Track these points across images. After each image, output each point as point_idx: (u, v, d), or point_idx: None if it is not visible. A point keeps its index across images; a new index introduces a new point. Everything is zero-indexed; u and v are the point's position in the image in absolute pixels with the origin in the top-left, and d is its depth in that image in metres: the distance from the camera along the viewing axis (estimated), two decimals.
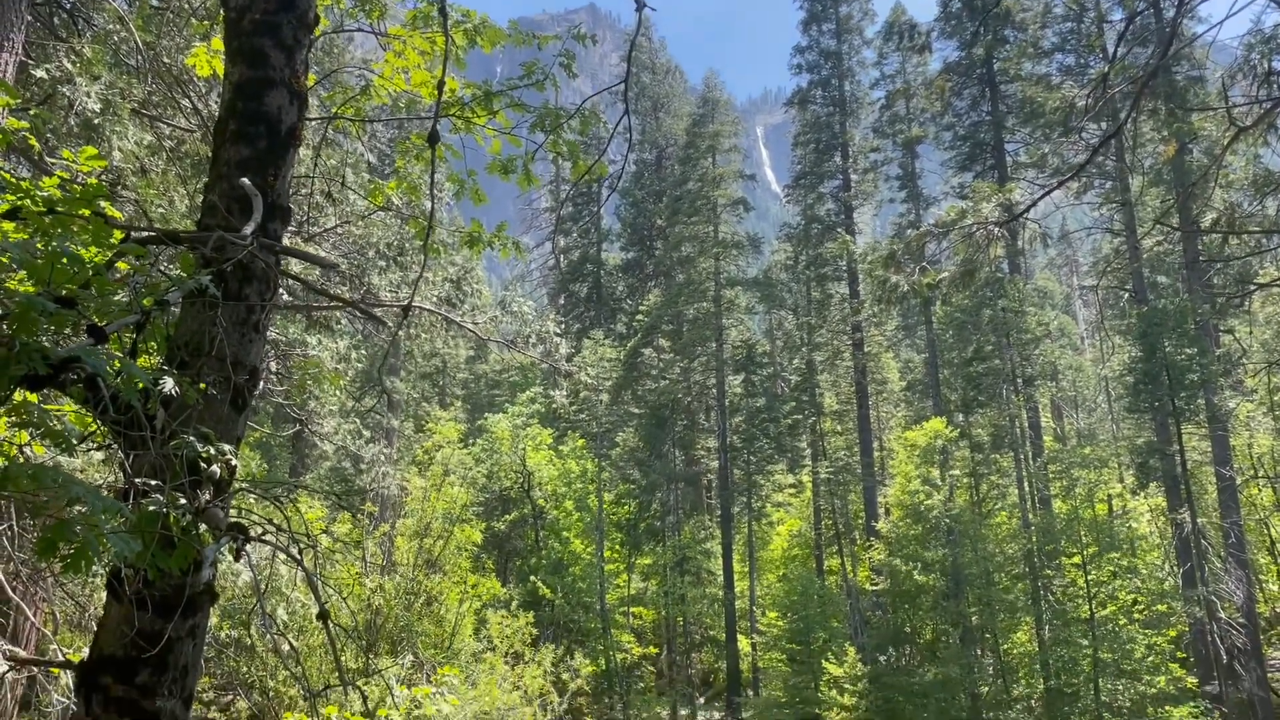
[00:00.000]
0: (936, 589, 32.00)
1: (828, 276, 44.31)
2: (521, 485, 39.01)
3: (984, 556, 31.35)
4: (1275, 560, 35.39)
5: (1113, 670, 28.48)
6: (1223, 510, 31.17)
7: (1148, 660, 28.30)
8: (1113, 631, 28.84)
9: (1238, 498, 31.68)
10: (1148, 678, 28.10)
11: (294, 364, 11.12)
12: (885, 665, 33.13)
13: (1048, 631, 30.49)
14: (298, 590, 10.02)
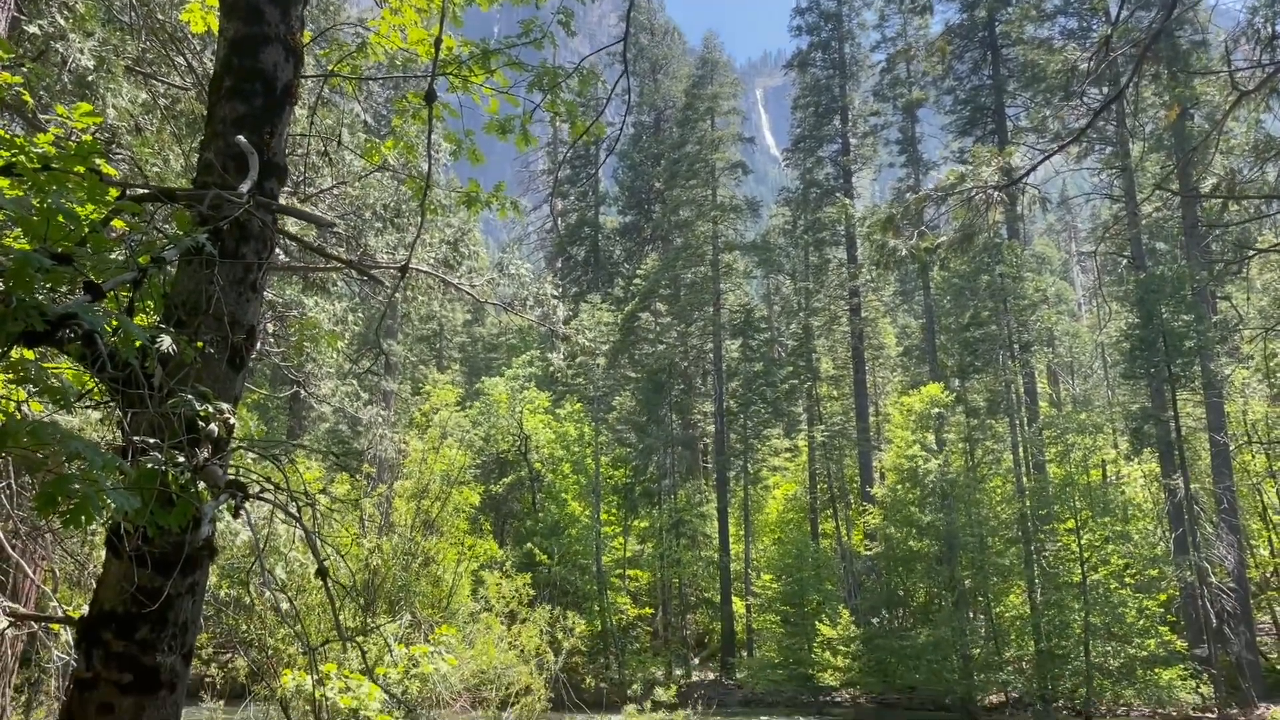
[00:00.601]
0: (930, 553, 32.27)
1: (826, 241, 44.17)
2: (518, 448, 39.14)
3: (978, 521, 31.59)
4: (1267, 526, 35.67)
5: (1103, 633, 28.81)
6: (1215, 476, 31.35)
7: (1138, 624, 28.64)
8: (1104, 595, 29.15)
9: (1231, 463, 31.85)
10: (1138, 641, 28.46)
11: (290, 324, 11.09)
12: (878, 627, 33.49)
13: (1039, 595, 30.80)
14: (296, 550, 10.08)
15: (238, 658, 12.70)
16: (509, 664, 12.59)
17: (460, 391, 34.09)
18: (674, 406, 42.10)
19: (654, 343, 42.42)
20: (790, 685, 32.76)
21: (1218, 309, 34.47)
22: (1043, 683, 29.61)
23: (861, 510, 38.33)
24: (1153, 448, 34.72)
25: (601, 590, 35.93)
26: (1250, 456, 35.34)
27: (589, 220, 57.38)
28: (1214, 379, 31.70)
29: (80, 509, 3.04)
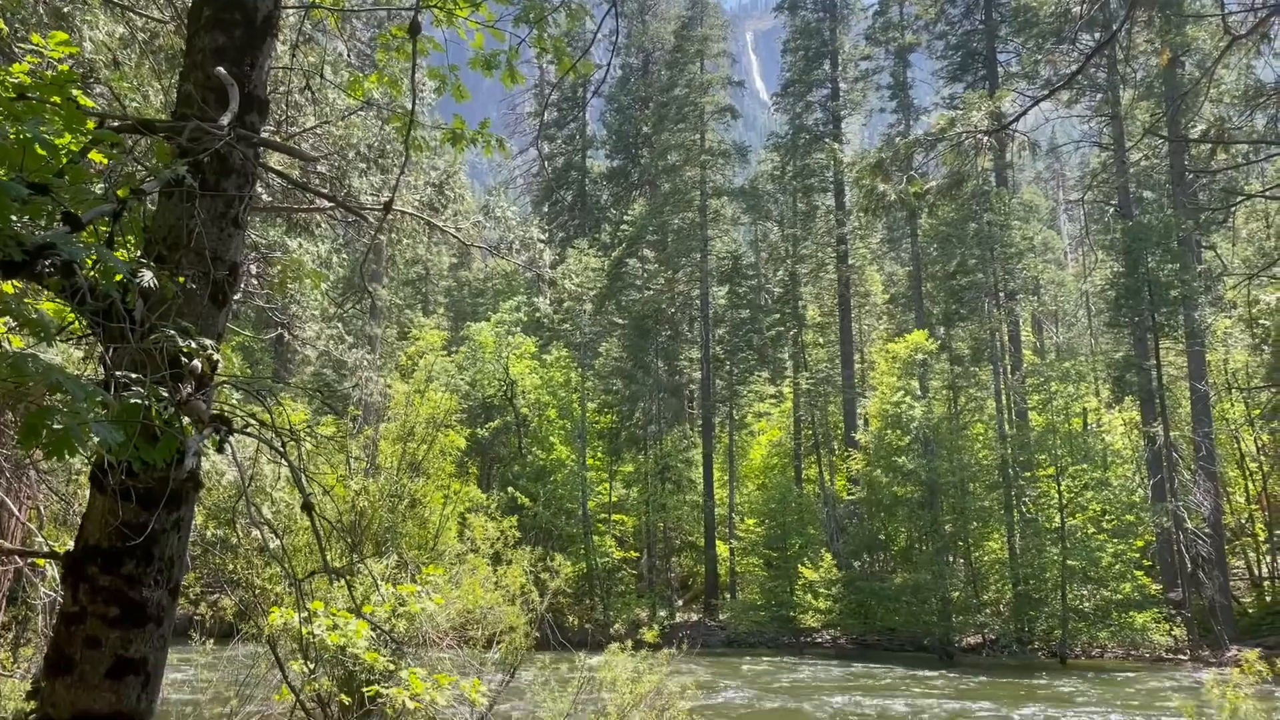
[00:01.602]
0: (912, 498, 32.67)
1: (814, 188, 43.93)
2: (505, 394, 39.20)
3: (959, 467, 31.95)
4: (1244, 473, 36.20)
5: (1080, 577, 29.37)
6: (1195, 424, 31.73)
7: (1114, 568, 29.19)
8: (1082, 540, 29.64)
9: (1210, 411, 32.22)
10: (1113, 585, 29.02)
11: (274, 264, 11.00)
12: (859, 570, 34.02)
13: (1018, 540, 31.29)
14: (282, 491, 10.09)
15: (225, 597, 12.80)
16: (494, 604, 12.72)
17: (446, 336, 33.98)
18: (660, 353, 42.12)
19: (641, 289, 42.29)
20: (772, 626, 33.32)
21: (1203, 258, 34.59)
22: (1019, 625, 30.22)
23: (845, 456, 38.68)
24: (1134, 396, 35.07)
25: (587, 534, 36.28)
26: (1230, 404, 35.76)
27: (576, 164, 56.82)
28: (1197, 328, 31.92)
29: (63, 441, 3.03)
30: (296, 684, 8.72)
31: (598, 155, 58.38)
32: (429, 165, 20.36)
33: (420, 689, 6.82)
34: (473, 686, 7.53)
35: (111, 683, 3.93)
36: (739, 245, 50.35)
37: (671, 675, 10.99)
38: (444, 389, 23.34)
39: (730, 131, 46.91)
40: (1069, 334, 56.41)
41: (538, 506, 35.40)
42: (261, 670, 13.27)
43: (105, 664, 3.93)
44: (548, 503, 36.17)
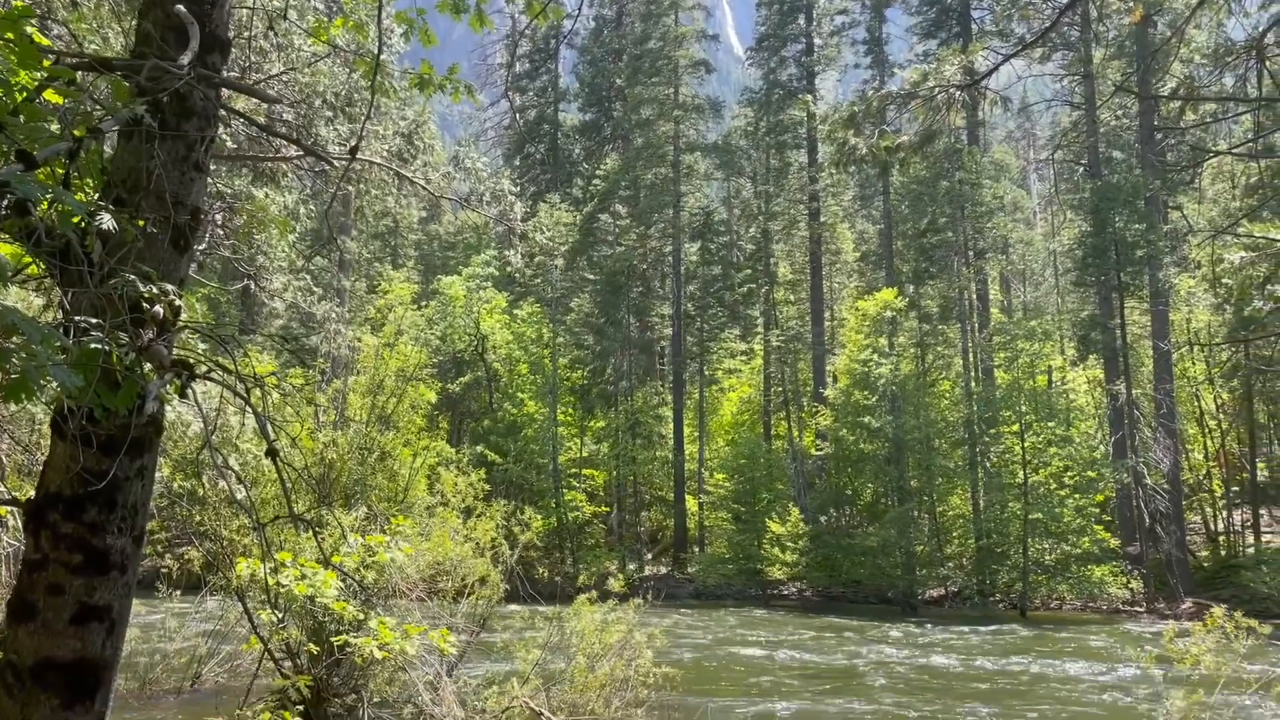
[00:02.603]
0: (879, 454, 33.05)
1: (787, 144, 43.74)
2: (475, 348, 39.05)
3: (926, 424, 32.33)
4: (1203, 430, 36.93)
5: (1041, 531, 29.96)
6: (1156, 381, 32.27)
7: (1074, 523, 29.79)
8: (1044, 496, 30.19)
9: (1172, 370, 32.76)
10: (1073, 539, 29.64)
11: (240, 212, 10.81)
12: (826, 525, 34.47)
13: (982, 495, 31.81)
14: (250, 442, 10.02)
15: (193, 549, 12.76)
16: (465, 556, 12.77)
17: (416, 289, 33.69)
18: (632, 309, 42.05)
19: (613, 245, 42.08)
20: (739, 579, 33.76)
21: (1169, 218, 34.93)
22: (981, 578, 30.83)
23: (814, 412, 38.99)
24: (1098, 354, 35.56)
25: (557, 488, 36.44)
26: (1191, 363, 36.36)
27: (548, 117, 56.14)
28: (1161, 287, 32.34)
29: (19, 384, 2.98)
30: (265, 634, 8.75)
31: (570, 109, 57.70)
32: (398, 115, 20.06)
33: (389, 638, 6.85)
34: (441, 636, 7.58)
35: (75, 629, 3.91)
36: (711, 201, 50.15)
37: (640, 626, 11.12)
38: (414, 343, 23.18)
39: (704, 86, 46.51)
40: (1036, 293, 56.96)
41: (508, 461, 35.46)
42: (231, 621, 13.32)
43: (69, 611, 3.91)
44: (518, 458, 36.24)
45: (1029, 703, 14.11)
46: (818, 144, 41.77)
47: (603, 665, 10.76)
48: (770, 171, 44.38)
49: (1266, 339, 24.87)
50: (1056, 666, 17.73)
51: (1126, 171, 33.76)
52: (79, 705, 3.92)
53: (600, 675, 10.70)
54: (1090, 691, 15.02)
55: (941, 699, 14.42)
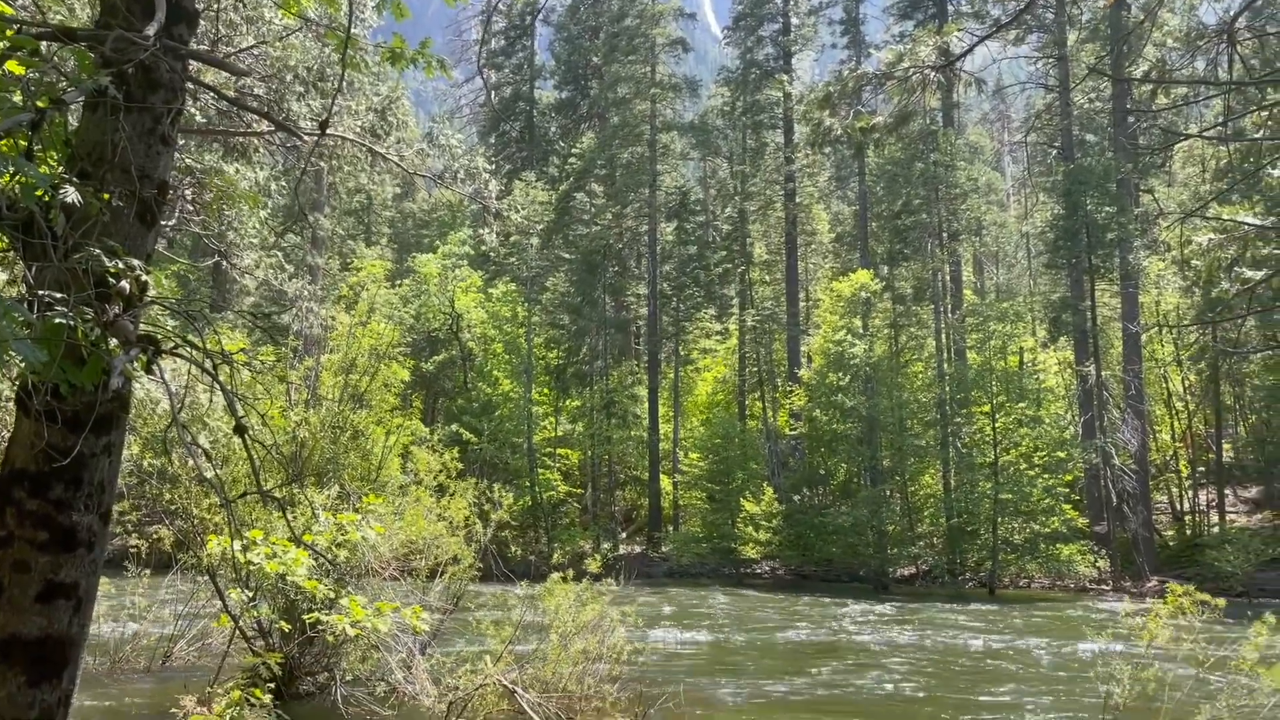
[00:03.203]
0: (852, 434, 33.28)
1: (764, 124, 43.71)
2: (450, 327, 38.87)
3: (899, 404, 32.58)
4: (1170, 411, 37.46)
5: (1011, 511, 30.33)
6: (1126, 363, 32.68)
7: (1043, 502, 30.18)
8: (1013, 476, 30.54)
9: (1141, 351, 33.17)
10: (1042, 518, 30.03)
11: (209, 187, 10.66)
12: (799, 504, 34.71)
13: (953, 475, 32.13)
14: (220, 420, 9.93)
15: (163, 528, 12.67)
16: (438, 535, 12.77)
17: (389, 266, 33.46)
18: (608, 288, 41.98)
19: (589, 224, 41.94)
20: (713, 558, 33.97)
21: (1140, 201, 35.25)
22: (952, 557, 31.19)
23: (788, 392, 39.18)
24: (1069, 336, 35.93)
25: (532, 467, 36.45)
26: (1160, 345, 36.83)
27: (524, 95, 55.68)
28: (1131, 270, 32.70)
29: None
30: (236, 612, 8.72)
31: (546, 86, 57.27)
32: (371, 90, 19.83)
33: (361, 616, 6.84)
34: (414, 614, 7.59)
35: (41, 606, 3.89)
36: (688, 181, 50.06)
37: (613, 605, 11.17)
38: (387, 321, 23.02)
39: (681, 65, 46.34)
40: (1009, 275, 57.37)
41: (483, 440, 35.41)
42: (202, 599, 13.26)
43: (35, 588, 3.88)
44: (493, 437, 36.19)
45: (993, 679, 14.32)
46: (794, 124, 41.76)
47: (576, 643, 10.80)
48: (746, 152, 44.35)
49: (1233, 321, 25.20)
50: (1022, 643, 17.99)
51: (1099, 154, 34.01)
52: (46, 683, 3.90)
53: (574, 653, 10.75)
54: (1052, 667, 15.27)
55: (908, 676, 14.61)
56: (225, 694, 6.25)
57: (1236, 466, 36.12)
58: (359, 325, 18.86)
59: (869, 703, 12.54)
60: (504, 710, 10.32)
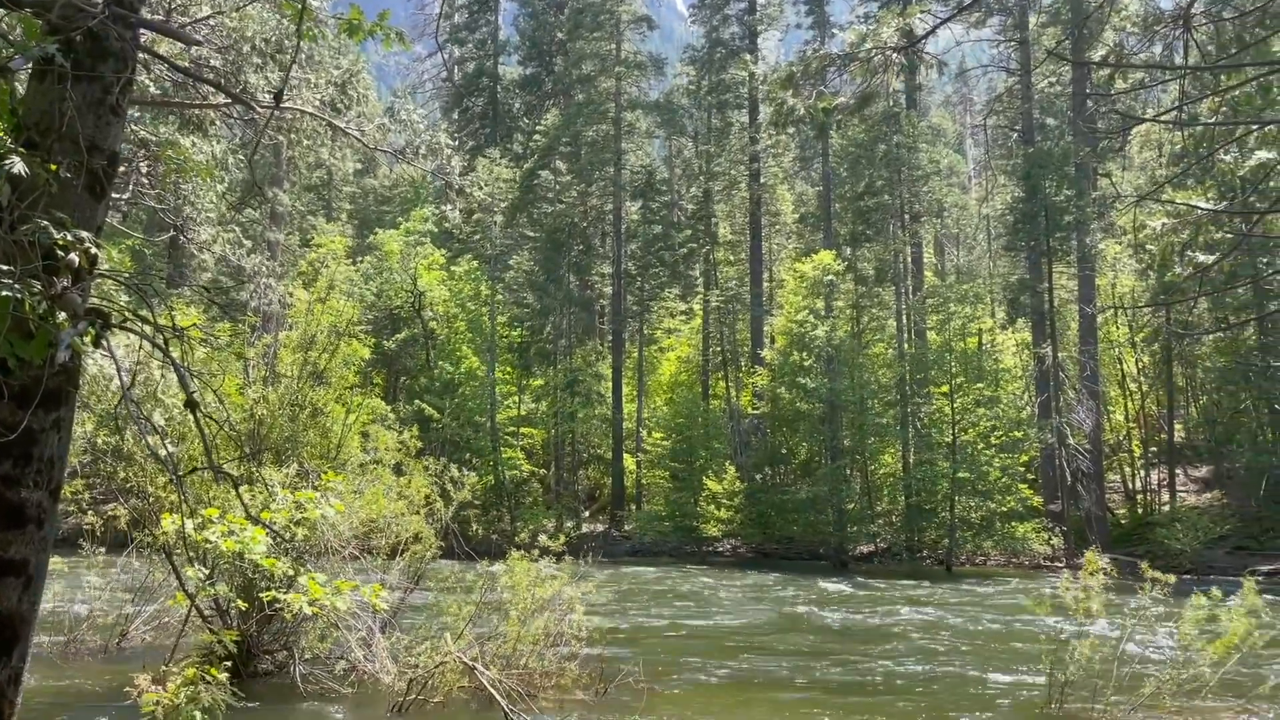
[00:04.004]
0: (813, 413, 33.56)
1: (729, 104, 43.68)
2: (412, 304, 38.57)
3: (860, 384, 32.88)
4: (1124, 392, 38.16)
5: (968, 489, 30.80)
6: (1082, 345, 33.21)
7: (1000, 481, 30.67)
8: (971, 455, 30.99)
9: (1096, 333, 33.72)
10: (999, 497, 30.52)
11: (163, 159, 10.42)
12: (761, 483, 35.00)
13: (912, 454, 32.53)
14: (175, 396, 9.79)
15: (119, 506, 12.50)
16: (399, 513, 12.72)
17: (349, 242, 33.07)
18: (572, 267, 41.85)
19: (553, 202, 41.72)
20: (675, 536, 34.19)
21: (1098, 185, 35.73)
22: (910, 534, 31.64)
23: (751, 372, 39.38)
24: (1027, 317, 36.41)
25: (495, 446, 36.37)
26: (1115, 327, 37.46)
27: (488, 70, 55.11)
28: (1088, 252, 33.17)
29: None
30: (192, 590, 8.64)
31: (510, 62, 56.72)
32: (332, 64, 19.53)
33: (319, 594, 6.80)
34: (374, 591, 7.56)
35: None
36: (653, 160, 49.94)
37: (575, 582, 11.21)
38: (346, 297, 22.78)
39: (647, 43, 46.11)
40: (969, 256, 57.96)
41: (445, 419, 35.26)
42: (158, 578, 13.12)
43: None
44: (455, 415, 36.05)
45: (948, 655, 14.58)
46: (759, 104, 41.77)
47: (537, 620, 10.84)
48: (712, 131, 44.33)
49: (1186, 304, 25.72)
50: (977, 619, 18.32)
51: (1058, 138, 34.39)
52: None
53: (534, 630, 10.78)
54: (1005, 642, 15.57)
55: (865, 652, 14.83)
56: (180, 673, 6.20)
57: (1187, 446, 36.91)
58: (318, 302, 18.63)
59: (826, 679, 12.73)
60: (464, 687, 10.34)
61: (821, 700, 11.37)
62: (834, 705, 11.12)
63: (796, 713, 10.84)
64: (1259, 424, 29.81)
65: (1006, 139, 42.52)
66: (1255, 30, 10.19)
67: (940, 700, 11.36)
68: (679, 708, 10.53)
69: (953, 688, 12.19)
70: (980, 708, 11.02)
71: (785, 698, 11.60)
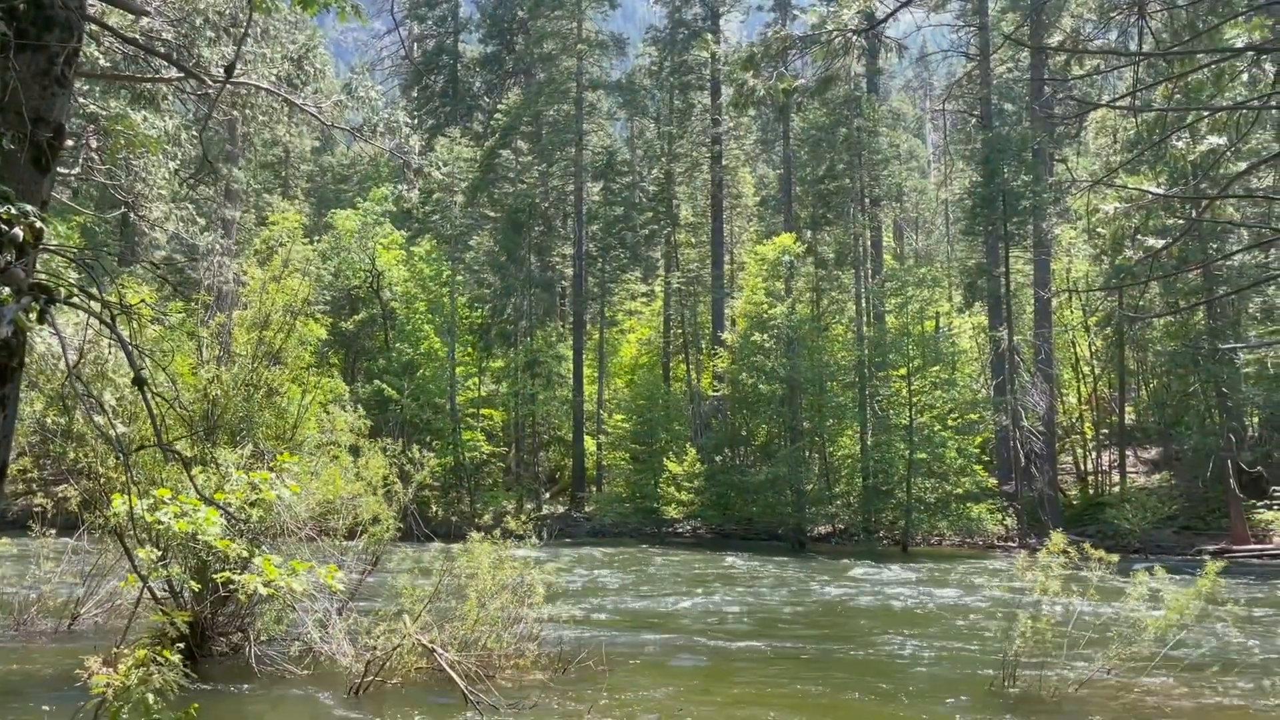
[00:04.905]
0: (773, 395, 33.78)
1: (691, 85, 43.58)
2: (371, 285, 38.16)
3: (819, 366, 33.14)
4: (1077, 375, 38.84)
5: (925, 471, 31.21)
6: (1036, 328, 33.71)
7: (956, 463, 31.13)
8: (928, 437, 31.40)
9: (1051, 317, 34.24)
10: (954, 478, 30.97)
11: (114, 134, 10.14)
12: (721, 464, 35.18)
13: (870, 436, 32.88)
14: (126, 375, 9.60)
15: (69, 487, 12.28)
16: (356, 494, 12.63)
17: (303, 218, 32.56)
18: (533, 248, 41.62)
19: (514, 182, 41.41)
20: (636, 517, 34.31)
21: (1054, 171, 36.19)
22: (867, 515, 32.00)
23: (712, 354, 39.52)
24: (983, 301, 36.86)
25: (455, 428, 36.19)
26: (1069, 311, 38.06)
27: (448, 48, 54.47)
28: (1044, 237, 33.64)
29: None
30: (144, 571, 8.52)
31: (471, 40, 56.06)
32: (287, 38, 19.20)
33: (274, 575, 6.74)
34: (329, 572, 7.50)
35: None
36: (615, 141, 49.72)
37: (535, 564, 11.21)
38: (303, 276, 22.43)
39: (609, 22, 45.78)
40: (928, 241, 58.51)
41: (405, 399, 35.02)
42: (110, 560, 12.94)
43: None
44: (415, 396, 35.81)
45: (902, 632, 14.80)
46: (721, 86, 41.71)
47: (495, 601, 10.83)
48: (674, 113, 44.22)
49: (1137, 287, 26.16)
50: (932, 598, 18.61)
51: (1017, 124, 34.75)
52: None
53: (493, 611, 10.77)
54: (958, 620, 15.84)
55: (822, 631, 15.01)
56: (132, 654, 6.11)
57: (1138, 429, 37.66)
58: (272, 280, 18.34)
59: (781, 659, 12.87)
60: (422, 668, 10.32)
61: (776, 680, 11.50)
62: (788, 685, 11.25)
63: (753, 691, 10.96)
64: (1207, 407, 30.46)
65: (965, 124, 42.90)
66: (1208, 17, 10.36)
67: (895, 679, 11.54)
68: (638, 688, 10.59)
69: (906, 667, 12.39)
70: (933, 686, 11.21)
71: (741, 677, 11.72)
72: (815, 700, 10.38)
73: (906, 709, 9.98)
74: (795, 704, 10.12)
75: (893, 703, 10.20)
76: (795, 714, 9.60)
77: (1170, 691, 10.58)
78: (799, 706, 9.99)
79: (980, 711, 9.87)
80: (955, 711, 9.79)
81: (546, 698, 9.92)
